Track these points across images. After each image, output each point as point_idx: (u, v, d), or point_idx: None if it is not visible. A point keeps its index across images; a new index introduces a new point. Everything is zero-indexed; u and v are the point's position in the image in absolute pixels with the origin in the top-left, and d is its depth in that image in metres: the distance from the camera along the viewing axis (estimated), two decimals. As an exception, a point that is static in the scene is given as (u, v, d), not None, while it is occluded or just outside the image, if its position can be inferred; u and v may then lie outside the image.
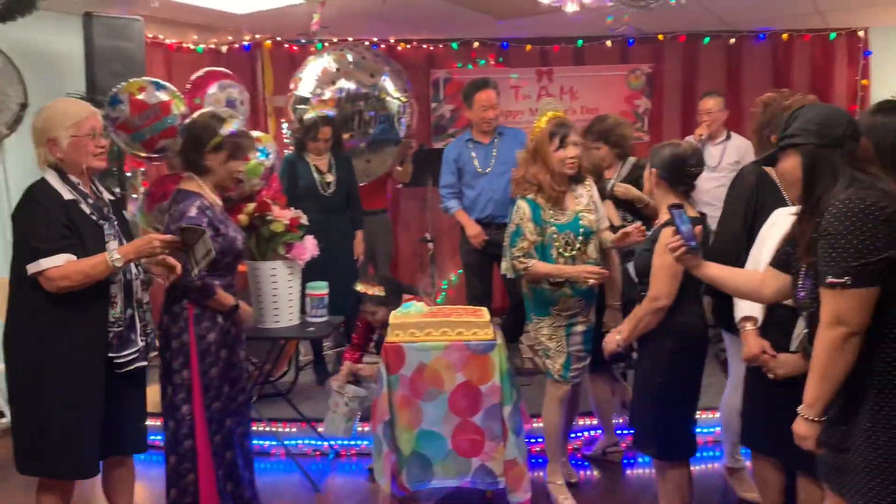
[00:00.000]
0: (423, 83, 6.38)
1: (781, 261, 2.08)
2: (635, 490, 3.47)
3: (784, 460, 2.55)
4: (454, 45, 6.36)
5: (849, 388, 1.78)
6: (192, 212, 2.64)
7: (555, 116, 3.13)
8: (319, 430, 3.76)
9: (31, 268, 2.39)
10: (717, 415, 3.36)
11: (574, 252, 3.08)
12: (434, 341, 2.99)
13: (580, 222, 3.11)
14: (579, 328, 3.18)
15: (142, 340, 2.60)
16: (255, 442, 3.23)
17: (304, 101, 4.81)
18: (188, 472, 2.71)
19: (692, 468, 2.81)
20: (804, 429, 1.83)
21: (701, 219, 2.70)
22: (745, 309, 2.48)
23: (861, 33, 6.19)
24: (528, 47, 6.38)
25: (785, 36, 6.23)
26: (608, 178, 3.64)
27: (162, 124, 3.83)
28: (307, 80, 4.87)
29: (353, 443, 3.84)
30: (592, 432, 3.86)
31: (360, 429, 3.72)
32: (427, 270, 5.69)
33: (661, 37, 6.29)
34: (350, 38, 6.16)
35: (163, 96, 3.88)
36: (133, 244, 2.53)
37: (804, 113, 1.89)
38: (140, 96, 3.83)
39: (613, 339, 2.76)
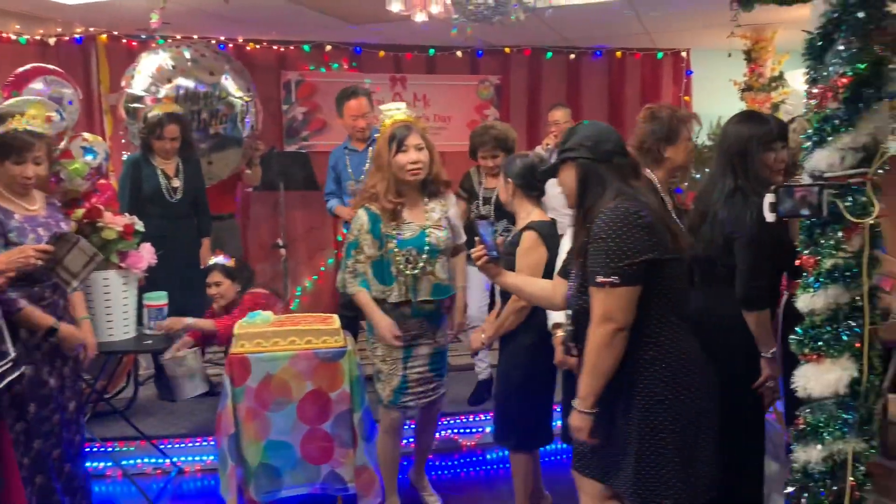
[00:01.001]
0: (273, 85, 6.25)
1: (566, 269, 2.26)
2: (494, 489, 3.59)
3: None
4: (306, 48, 6.27)
5: (617, 381, 1.96)
6: None
7: (396, 121, 2.92)
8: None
9: None
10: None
11: (416, 270, 2.88)
12: (281, 351, 2.93)
13: (426, 239, 2.89)
14: (423, 350, 2.98)
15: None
16: (88, 464, 3.01)
17: (138, 98, 4.54)
18: None
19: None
20: (578, 420, 1.99)
21: (552, 223, 2.86)
22: (556, 316, 2.62)
23: (684, 54, 6.80)
24: (382, 53, 6.43)
25: (619, 53, 6.72)
26: (494, 186, 3.72)
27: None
28: (141, 77, 4.60)
29: (196, 459, 3.69)
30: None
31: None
32: (280, 277, 5.57)
33: (507, 50, 6.56)
34: (195, 37, 5.91)
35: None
36: (6, 256, 2.34)
37: (581, 130, 2.08)
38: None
39: (478, 338, 2.92)
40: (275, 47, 6.23)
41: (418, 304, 2.91)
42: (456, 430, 3.97)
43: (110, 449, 3.62)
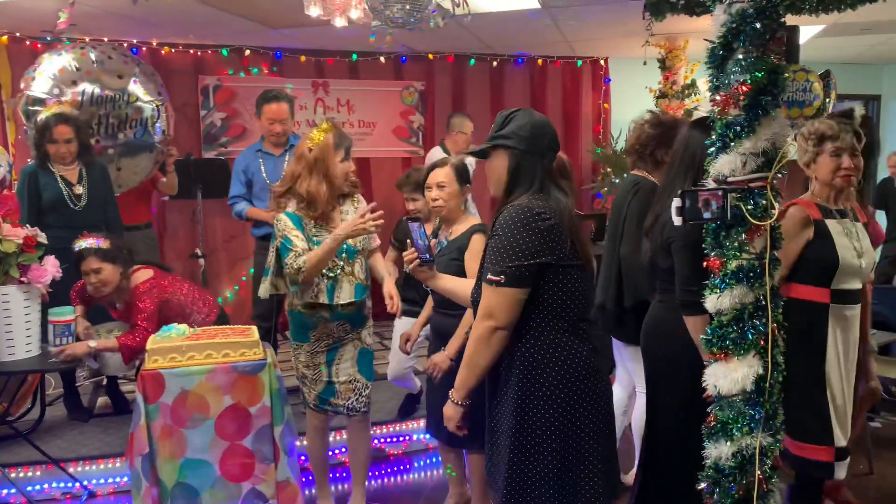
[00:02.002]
0: (191, 90, 6.06)
1: None
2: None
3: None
4: (224, 52, 6.12)
5: (496, 380, 1.98)
6: None
7: (333, 128, 2.94)
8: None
9: None
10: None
11: (337, 272, 2.89)
12: (197, 365, 2.83)
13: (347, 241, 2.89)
14: (348, 353, 2.99)
15: None
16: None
17: (39, 101, 4.31)
18: None
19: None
20: (449, 410, 2.02)
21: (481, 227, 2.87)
22: None
23: (602, 62, 6.98)
24: (303, 58, 6.34)
25: (539, 61, 6.83)
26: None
27: None
28: (42, 79, 4.38)
29: (109, 481, 3.51)
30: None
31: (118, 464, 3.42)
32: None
33: (431, 56, 6.58)
34: (105, 39, 5.67)
35: None
36: None
37: (518, 118, 2.01)
38: None
39: (445, 358, 2.72)
40: (191, 51, 6.04)
41: (338, 307, 2.90)
42: (383, 440, 3.93)
43: (13, 475, 3.41)
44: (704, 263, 1.97)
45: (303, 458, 3.35)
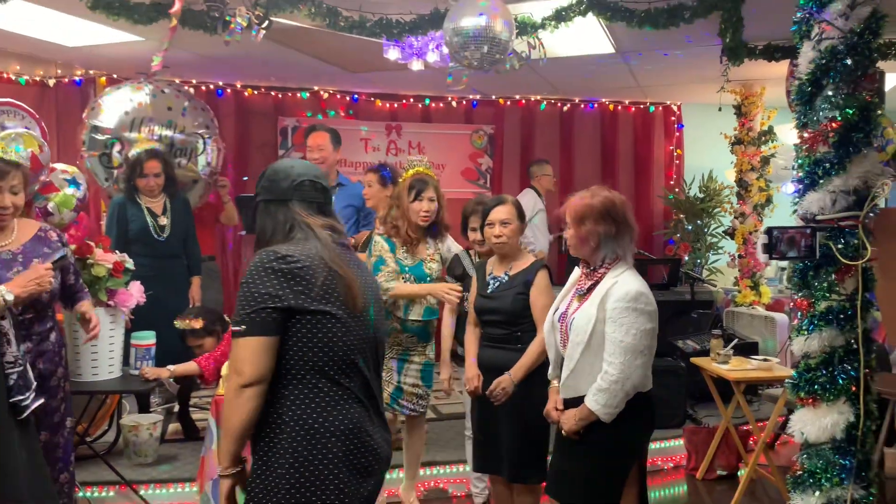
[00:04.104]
0: (270, 130, 6.32)
1: None
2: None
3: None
4: (303, 95, 6.37)
5: (263, 434, 1.74)
6: None
7: (417, 172, 3.35)
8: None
9: None
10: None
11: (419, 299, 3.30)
12: (269, 392, 2.88)
13: (423, 268, 3.33)
14: (414, 364, 3.35)
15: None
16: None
17: (97, 129, 4.61)
18: None
19: None
20: (224, 483, 1.77)
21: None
22: (553, 366, 2.66)
23: (675, 107, 6.93)
24: (378, 102, 6.53)
25: (611, 106, 6.84)
26: None
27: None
28: (104, 109, 4.67)
29: (178, 505, 3.58)
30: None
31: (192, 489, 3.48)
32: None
33: (501, 100, 6.67)
34: (193, 81, 5.99)
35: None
36: (23, 277, 2.35)
37: (266, 170, 1.92)
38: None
39: (509, 381, 2.77)
40: (272, 93, 6.32)
41: (409, 321, 3.29)
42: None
43: (89, 494, 3.51)
44: (792, 304, 1.91)
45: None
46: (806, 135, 1.86)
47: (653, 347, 2.32)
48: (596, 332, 2.32)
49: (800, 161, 1.92)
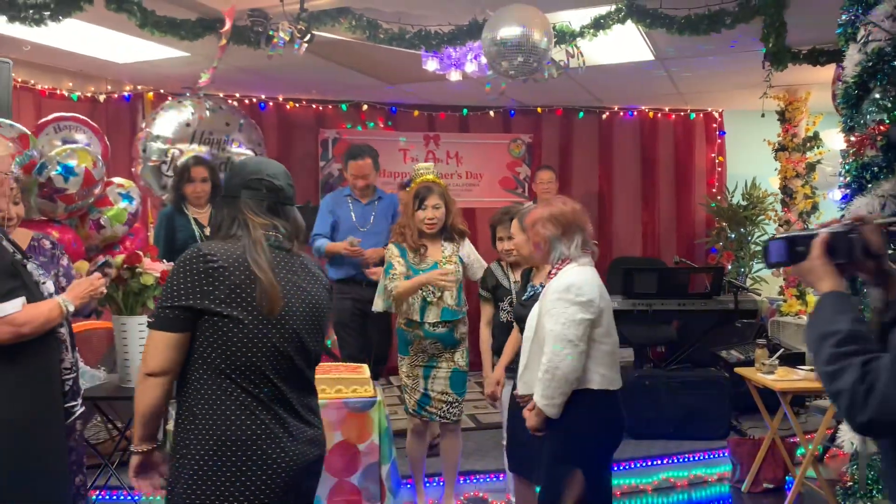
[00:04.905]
0: (311, 142, 6.42)
1: None
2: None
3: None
4: (343, 107, 6.46)
5: (179, 428, 1.78)
6: None
7: (423, 181, 3.46)
8: None
9: None
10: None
11: (430, 298, 3.34)
12: (311, 399, 2.92)
13: (437, 269, 3.35)
14: (442, 371, 3.37)
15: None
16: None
17: (155, 138, 4.76)
18: None
19: None
20: (133, 460, 1.82)
21: None
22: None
23: (717, 114, 6.84)
24: (416, 113, 6.59)
25: (651, 113, 6.78)
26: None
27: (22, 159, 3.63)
28: (163, 120, 4.82)
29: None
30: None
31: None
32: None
33: (539, 109, 6.67)
34: (237, 95, 6.13)
35: (14, 135, 3.67)
36: (78, 286, 2.42)
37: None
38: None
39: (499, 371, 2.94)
40: (313, 106, 6.42)
41: (429, 324, 3.32)
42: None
43: (137, 498, 3.60)
44: None
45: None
46: (853, 138, 1.83)
47: (585, 338, 2.38)
48: (539, 327, 2.47)
49: (847, 166, 1.88)
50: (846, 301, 1.33)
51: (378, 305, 3.56)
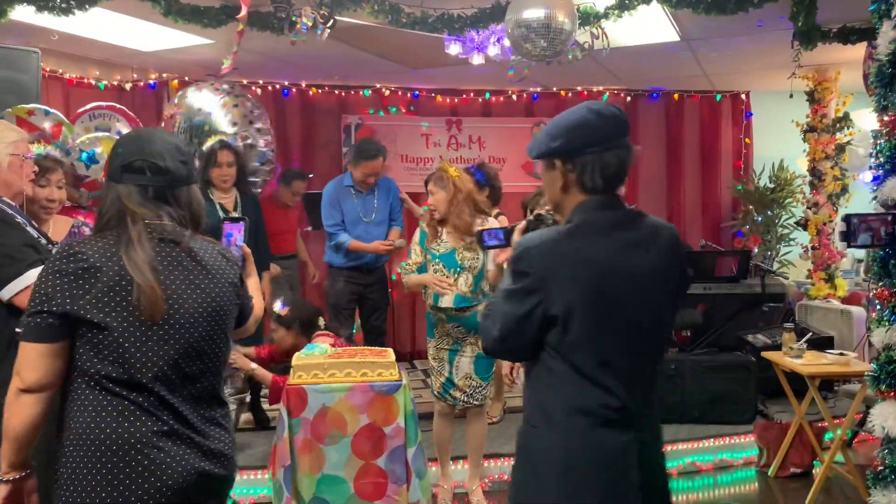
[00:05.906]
0: (334, 128, 6.43)
1: None
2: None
3: None
4: (366, 92, 6.46)
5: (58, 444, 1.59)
6: None
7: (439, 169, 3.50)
8: None
9: (15, 285, 2.05)
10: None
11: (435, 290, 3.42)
12: (338, 383, 2.95)
13: (455, 257, 3.40)
14: (466, 356, 3.41)
15: None
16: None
17: (198, 111, 4.80)
18: None
19: None
20: (0, 489, 1.58)
21: None
22: None
23: (743, 96, 6.73)
24: (439, 98, 6.57)
25: (676, 96, 6.69)
26: None
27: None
28: (192, 94, 4.89)
29: (250, 491, 3.70)
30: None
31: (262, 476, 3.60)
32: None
33: (563, 92, 6.61)
34: (261, 81, 6.16)
35: (50, 122, 3.73)
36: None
37: None
38: (29, 120, 3.68)
39: None
40: (336, 92, 6.43)
41: (444, 309, 3.37)
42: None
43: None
44: (872, 294, 1.84)
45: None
46: (886, 118, 1.79)
47: None
48: None
49: (879, 147, 1.84)
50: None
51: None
